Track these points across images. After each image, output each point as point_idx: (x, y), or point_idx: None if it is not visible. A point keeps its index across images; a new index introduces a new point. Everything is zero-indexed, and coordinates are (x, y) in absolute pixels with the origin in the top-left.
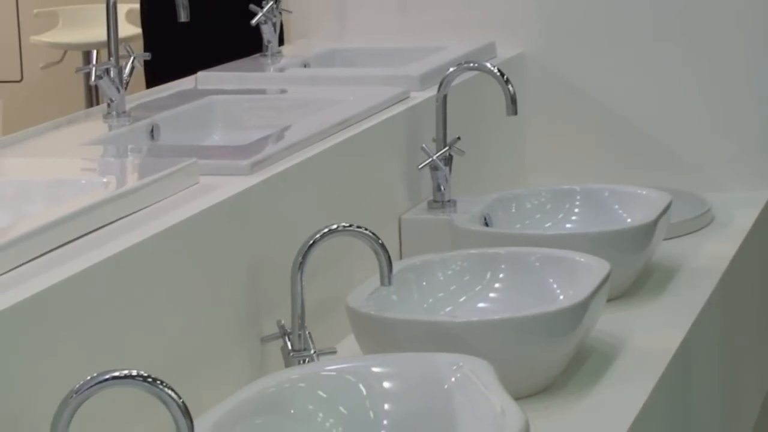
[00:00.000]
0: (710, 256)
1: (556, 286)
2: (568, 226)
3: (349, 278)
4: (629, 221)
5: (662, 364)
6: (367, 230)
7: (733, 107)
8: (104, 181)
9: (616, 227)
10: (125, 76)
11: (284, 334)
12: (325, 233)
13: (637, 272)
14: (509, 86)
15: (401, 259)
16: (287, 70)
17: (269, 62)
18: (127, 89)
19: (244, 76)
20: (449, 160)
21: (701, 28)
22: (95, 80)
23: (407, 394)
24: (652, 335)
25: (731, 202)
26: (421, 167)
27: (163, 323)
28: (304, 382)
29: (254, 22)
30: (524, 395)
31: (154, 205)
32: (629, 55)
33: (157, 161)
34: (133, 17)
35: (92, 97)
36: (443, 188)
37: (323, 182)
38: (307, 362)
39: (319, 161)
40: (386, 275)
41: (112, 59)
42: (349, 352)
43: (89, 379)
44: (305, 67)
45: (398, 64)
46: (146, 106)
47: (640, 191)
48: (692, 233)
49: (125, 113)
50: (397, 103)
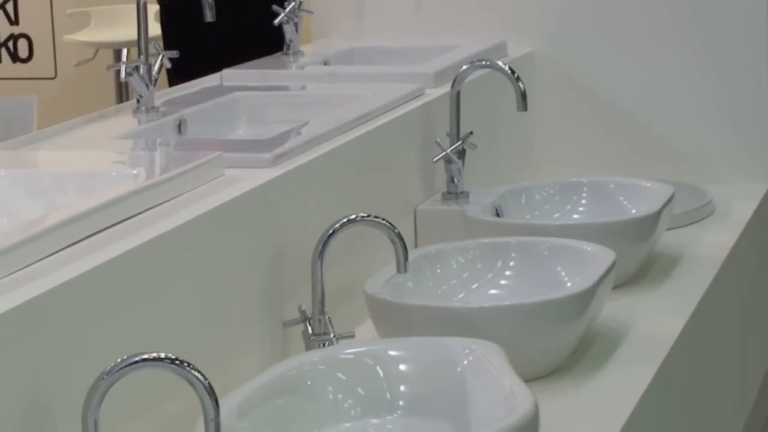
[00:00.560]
0: (711, 245)
1: (563, 273)
2: (575, 216)
3: (366, 266)
4: (634, 212)
5: (665, 348)
6: (384, 220)
7: (734, 105)
8: (134, 173)
9: (621, 218)
10: (154, 73)
11: (305, 319)
12: (344, 223)
13: (641, 261)
14: (519, 83)
15: (416, 247)
16: (308, 67)
17: (291, 60)
18: (155, 86)
19: (267, 73)
20: (462, 153)
21: (704, 27)
22: (125, 77)
23: (422, 376)
24: (655, 321)
25: (731, 194)
26: (435, 160)
27: (189, 309)
28: (323, 364)
29: (277, 21)
30: (533, 377)
31: (181, 196)
32: (634, 54)
33: (184, 154)
34: None
35: (122, 93)
36: (456, 180)
37: (342, 174)
38: (326, 346)
39: (338, 154)
40: (402, 263)
41: (141, 57)
42: (366, 336)
43: (120, 361)
44: (325, 64)
45: (414, 62)
46: (174, 101)
47: (644, 183)
48: (694, 224)
49: (154, 108)
50: (412, 99)
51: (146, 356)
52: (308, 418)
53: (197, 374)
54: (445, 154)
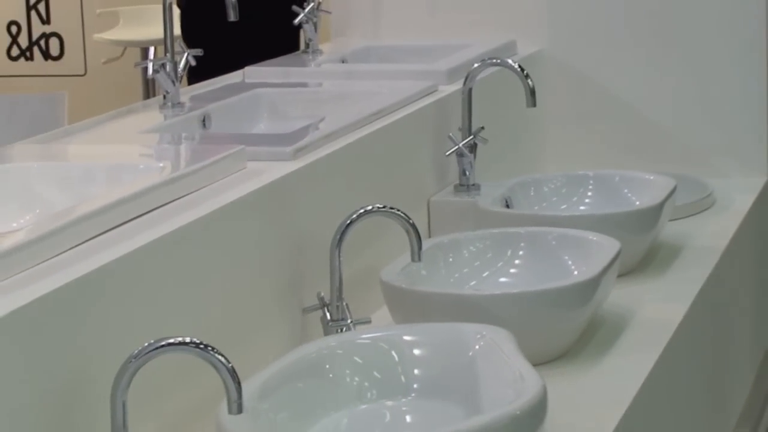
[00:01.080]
0: (711, 235)
1: (570, 262)
2: (582, 208)
3: (382, 254)
4: (638, 204)
5: (667, 334)
6: (399, 211)
7: (734, 101)
8: (160, 165)
9: (625, 209)
10: (180, 70)
11: (324, 305)
12: (361, 213)
13: (644, 250)
14: (529, 80)
15: (430, 237)
16: (326, 65)
17: (310, 58)
18: (181, 82)
19: (287, 70)
20: (474, 147)
21: (705, 27)
22: (152, 74)
23: (435, 360)
24: (658, 308)
25: (731, 187)
26: (448, 154)
27: (213, 295)
28: (341, 348)
29: (297, 21)
30: (542, 362)
31: (205, 187)
32: (638, 52)
33: (208, 148)
34: None
35: (149, 89)
36: (468, 173)
37: (359, 167)
38: (344, 331)
39: (355, 148)
40: (416, 252)
41: (168, 55)
42: (382, 322)
43: (147, 345)
44: (343, 62)
45: (428, 60)
46: (198, 97)
47: (647, 176)
48: (695, 215)
49: (179, 104)
50: (426, 95)
51: (172, 340)
52: (326, 399)
53: (221, 358)
54: (457, 148)
